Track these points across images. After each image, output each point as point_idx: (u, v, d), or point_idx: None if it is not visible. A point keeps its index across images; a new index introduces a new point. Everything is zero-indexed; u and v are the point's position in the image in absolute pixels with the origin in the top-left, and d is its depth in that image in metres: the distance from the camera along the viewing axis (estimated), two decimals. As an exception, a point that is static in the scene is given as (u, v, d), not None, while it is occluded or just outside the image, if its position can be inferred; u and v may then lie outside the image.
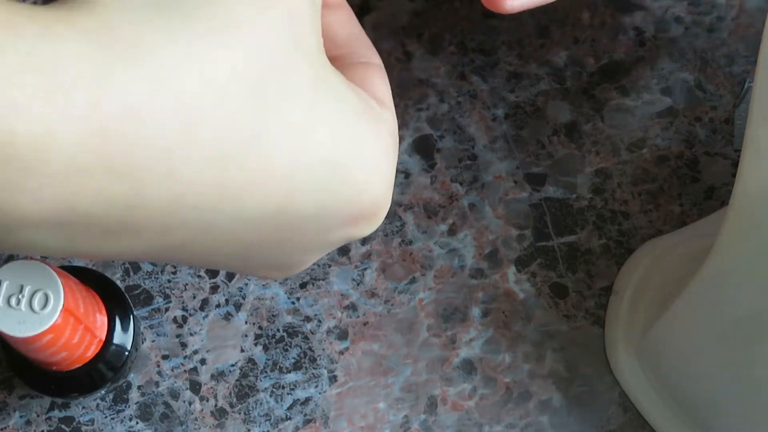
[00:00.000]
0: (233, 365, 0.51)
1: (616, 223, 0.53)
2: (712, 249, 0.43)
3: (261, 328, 0.51)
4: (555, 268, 0.52)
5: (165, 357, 0.50)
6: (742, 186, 0.41)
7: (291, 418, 0.50)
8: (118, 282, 0.50)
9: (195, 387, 0.50)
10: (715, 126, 0.54)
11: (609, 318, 0.52)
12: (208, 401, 0.50)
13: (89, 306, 0.42)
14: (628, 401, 0.51)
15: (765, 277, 0.42)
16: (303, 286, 0.52)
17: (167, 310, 0.51)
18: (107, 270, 0.50)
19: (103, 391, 0.48)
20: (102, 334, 0.44)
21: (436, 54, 0.54)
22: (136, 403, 0.50)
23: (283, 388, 0.51)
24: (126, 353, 0.46)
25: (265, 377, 0.51)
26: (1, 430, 0.49)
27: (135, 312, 0.48)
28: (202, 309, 0.51)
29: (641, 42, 0.54)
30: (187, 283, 0.51)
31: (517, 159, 0.53)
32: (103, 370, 0.46)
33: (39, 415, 0.50)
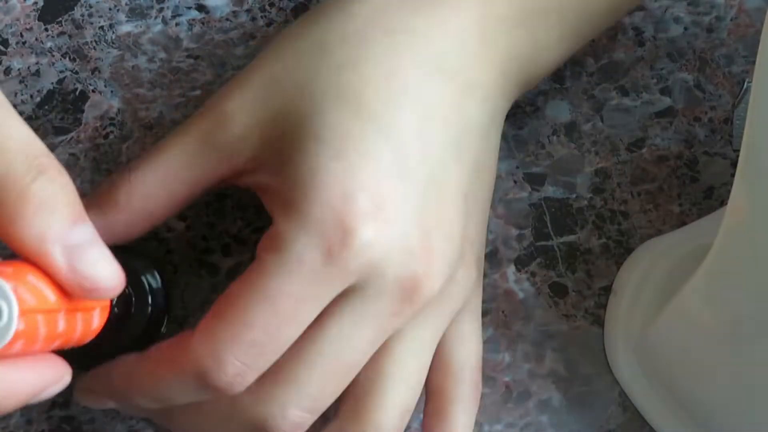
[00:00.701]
0: (233, 365, 0.51)
1: (615, 223, 0.53)
2: (711, 249, 0.43)
3: (261, 327, 0.51)
4: (555, 267, 0.53)
5: (165, 356, 0.50)
6: (741, 186, 0.41)
7: (291, 417, 0.50)
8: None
9: (195, 386, 0.50)
10: (715, 126, 0.54)
11: (609, 317, 0.52)
12: (208, 401, 0.50)
13: (44, 284, 0.37)
14: (628, 401, 0.51)
15: (765, 277, 0.42)
16: (303, 285, 0.51)
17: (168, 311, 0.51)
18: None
19: (164, 329, 0.47)
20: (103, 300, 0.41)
21: (435, 54, 0.54)
22: (136, 403, 0.50)
23: (283, 387, 0.51)
24: (148, 298, 0.46)
25: (265, 377, 0.51)
26: (2, 429, 0.49)
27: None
28: (202, 309, 0.51)
29: (641, 42, 0.55)
30: (188, 283, 0.51)
31: (517, 159, 0.53)
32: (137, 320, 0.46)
33: (40, 414, 0.50)
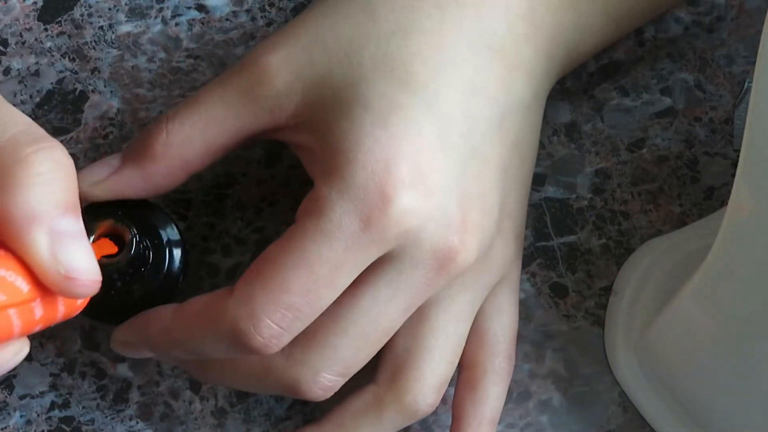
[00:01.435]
0: (233, 365, 0.51)
1: (615, 223, 0.53)
2: (712, 249, 0.43)
3: (261, 328, 0.51)
4: (555, 268, 0.52)
5: (165, 357, 0.50)
6: (741, 186, 0.41)
7: (291, 418, 0.50)
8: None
9: (195, 387, 0.50)
10: (715, 126, 0.54)
11: (609, 318, 0.52)
12: (208, 401, 0.50)
13: (14, 273, 0.35)
14: (628, 401, 0.51)
15: (765, 277, 0.42)
16: (303, 286, 0.51)
17: (167, 310, 0.51)
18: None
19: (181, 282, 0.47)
20: None
21: (436, 54, 0.54)
22: (136, 403, 0.50)
23: (283, 387, 0.51)
24: (182, 266, 0.46)
25: (265, 377, 0.51)
26: (2, 430, 0.49)
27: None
28: (202, 309, 0.51)
29: (641, 42, 0.54)
30: (188, 283, 0.51)
31: (517, 159, 0.53)
32: (166, 285, 0.46)
33: (39, 415, 0.50)
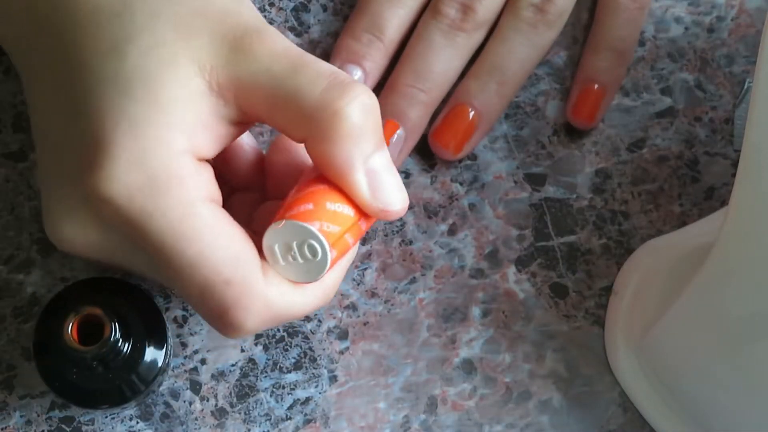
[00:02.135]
0: (233, 365, 0.51)
1: (616, 223, 0.53)
2: (712, 249, 0.43)
3: (261, 328, 0.51)
4: (555, 268, 0.52)
5: (165, 357, 0.50)
6: (741, 186, 0.41)
7: (291, 418, 0.50)
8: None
9: (195, 387, 0.50)
10: (715, 126, 0.54)
11: (609, 318, 0.52)
12: (208, 401, 0.50)
13: (342, 204, 0.41)
14: (628, 401, 0.51)
15: (765, 277, 0.42)
16: (303, 286, 0.51)
17: (167, 309, 0.51)
18: (107, 271, 0.50)
19: (134, 404, 0.49)
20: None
21: (436, 54, 0.54)
22: (135, 403, 0.50)
23: (284, 388, 0.51)
24: (158, 367, 0.46)
25: (266, 377, 0.51)
26: (2, 430, 0.49)
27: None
28: (202, 309, 0.51)
29: (641, 42, 0.54)
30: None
31: (517, 159, 0.53)
32: (136, 382, 0.46)
33: (39, 415, 0.50)
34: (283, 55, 0.40)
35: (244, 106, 0.40)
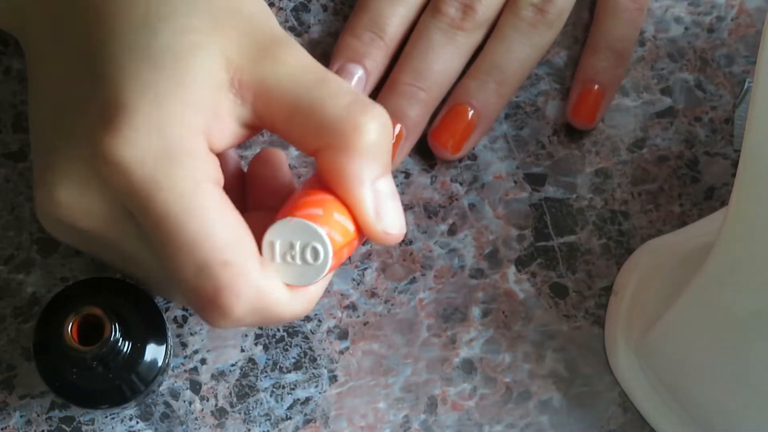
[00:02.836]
0: (233, 365, 0.51)
1: (616, 223, 0.53)
2: (712, 249, 0.43)
3: (261, 328, 0.51)
4: (555, 268, 0.52)
5: (165, 357, 0.50)
6: (741, 186, 0.41)
7: (291, 417, 0.51)
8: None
9: (195, 387, 0.50)
10: (715, 126, 0.54)
11: (609, 318, 0.52)
12: (208, 401, 0.50)
13: (346, 218, 0.42)
14: (628, 401, 0.51)
15: (765, 277, 0.42)
16: (303, 286, 0.51)
17: (167, 309, 0.51)
18: (107, 270, 0.50)
19: (134, 404, 0.49)
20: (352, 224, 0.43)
21: (436, 54, 0.54)
22: (136, 403, 0.50)
23: (283, 387, 0.51)
24: (158, 367, 0.46)
25: (265, 377, 0.51)
26: (2, 430, 0.49)
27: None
28: (202, 309, 0.51)
29: (641, 42, 0.54)
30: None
31: (517, 159, 0.53)
32: (135, 382, 0.46)
33: (39, 415, 0.50)
34: (310, 67, 0.41)
35: (260, 109, 0.41)
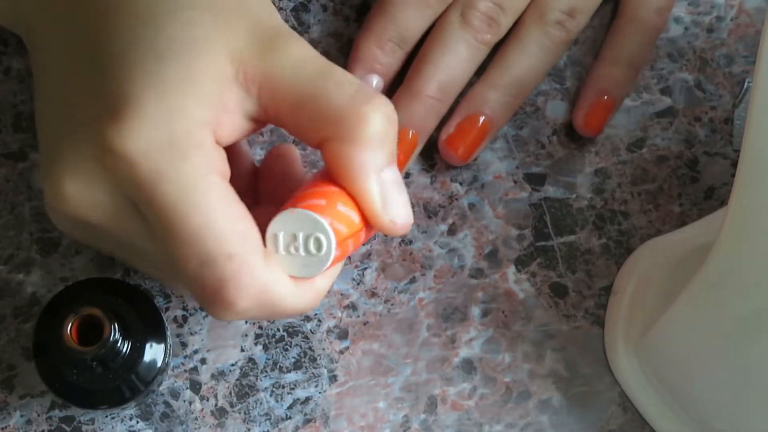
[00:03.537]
0: (233, 365, 0.51)
1: (615, 223, 0.53)
2: (712, 249, 0.43)
3: (261, 327, 0.51)
4: (555, 267, 0.53)
5: (165, 357, 0.50)
6: (741, 186, 0.41)
7: (291, 417, 0.51)
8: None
9: (195, 386, 0.50)
10: (715, 126, 0.54)
11: (609, 318, 0.52)
12: (208, 401, 0.50)
13: (350, 209, 0.42)
14: (628, 401, 0.51)
15: (765, 277, 0.42)
16: (303, 285, 0.51)
17: (167, 309, 0.51)
18: (107, 270, 0.50)
19: (134, 404, 0.49)
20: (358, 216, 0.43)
21: (436, 54, 0.54)
22: (136, 403, 0.50)
23: (283, 387, 0.51)
24: (157, 367, 0.46)
25: (265, 377, 0.51)
26: (2, 429, 0.49)
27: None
28: (202, 309, 0.51)
29: (641, 42, 0.54)
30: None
31: (517, 159, 0.53)
32: (135, 382, 0.46)
33: (39, 415, 0.50)
34: (314, 60, 0.41)
35: (266, 102, 0.41)
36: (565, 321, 0.52)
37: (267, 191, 0.46)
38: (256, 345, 0.51)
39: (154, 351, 0.46)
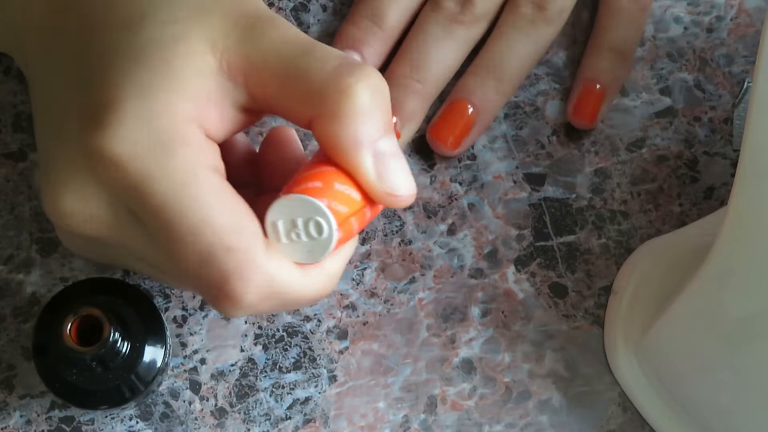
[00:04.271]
0: (233, 365, 0.51)
1: (615, 223, 0.53)
2: (711, 249, 0.43)
3: (261, 327, 0.51)
4: (554, 267, 0.53)
5: (165, 357, 0.50)
6: (741, 186, 0.41)
7: (291, 417, 0.51)
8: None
9: (195, 387, 0.50)
10: (715, 126, 0.54)
11: (608, 318, 0.52)
12: (208, 401, 0.50)
13: (349, 187, 0.41)
14: (627, 401, 0.51)
15: (765, 277, 0.42)
16: (303, 285, 0.51)
17: (167, 309, 0.51)
18: (107, 270, 0.50)
19: (134, 404, 0.49)
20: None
21: (435, 54, 0.54)
22: (135, 403, 0.50)
23: (283, 387, 0.51)
24: (157, 367, 0.46)
25: (265, 377, 0.51)
26: (2, 429, 0.49)
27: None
28: (201, 309, 0.51)
29: (640, 42, 0.54)
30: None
31: (517, 159, 0.53)
32: (135, 382, 0.46)
33: (39, 415, 0.50)
34: (294, 39, 0.40)
35: (254, 89, 0.40)
36: (565, 321, 0.52)
37: (269, 178, 0.45)
38: (255, 345, 0.51)
39: (153, 351, 0.46)
